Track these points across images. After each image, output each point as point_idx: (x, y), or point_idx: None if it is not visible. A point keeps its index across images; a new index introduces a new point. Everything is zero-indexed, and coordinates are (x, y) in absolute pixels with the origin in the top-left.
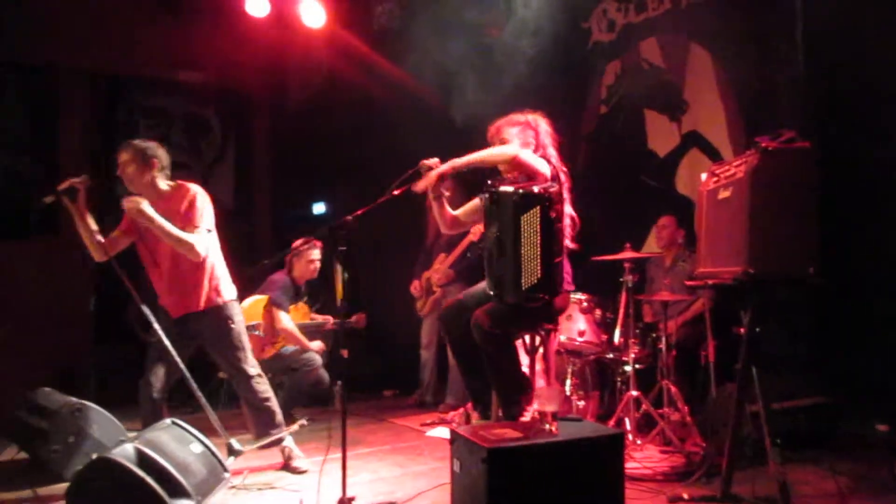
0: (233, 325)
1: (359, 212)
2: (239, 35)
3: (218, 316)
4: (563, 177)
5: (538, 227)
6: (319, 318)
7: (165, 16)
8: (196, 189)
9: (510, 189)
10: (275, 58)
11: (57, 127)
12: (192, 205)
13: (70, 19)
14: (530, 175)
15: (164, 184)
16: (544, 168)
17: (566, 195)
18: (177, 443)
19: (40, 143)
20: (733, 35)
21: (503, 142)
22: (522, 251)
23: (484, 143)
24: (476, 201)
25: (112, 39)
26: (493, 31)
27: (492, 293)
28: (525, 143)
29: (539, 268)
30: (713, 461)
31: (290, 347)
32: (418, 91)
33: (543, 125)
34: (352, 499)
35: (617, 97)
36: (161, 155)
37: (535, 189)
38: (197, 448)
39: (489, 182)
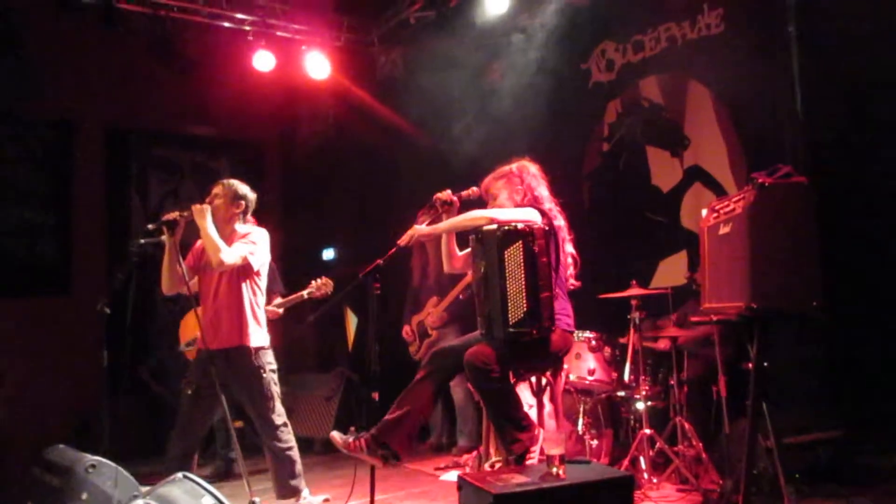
0: (264, 374)
1: (389, 253)
2: (247, 88)
3: (251, 359)
4: (556, 215)
5: (521, 261)
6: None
7: (175, 71)
8: (260, 230)
9: (493, 227)
10: (283, 109)
11: (71, 181)
12: (246, 235)
13: (84, 76)
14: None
15: (240, 225)
16: (531, 215)
17: (564, 233)
18: (188, 497)
19: (54, 197)
20: (731, 70)
21: (494, 196)
22: (508, 286)
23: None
24: None
25: (125, 95)
26: (495, 76)
27: (483, 332)
28: (514, 192)
29: (525, 302)
30: (731, 499)
31: None
32: (422, 138)
33: (530, 170)
34: None
35: (618, 135)
36: (249, 201)
37: (518, 225)
38: (208, 501)
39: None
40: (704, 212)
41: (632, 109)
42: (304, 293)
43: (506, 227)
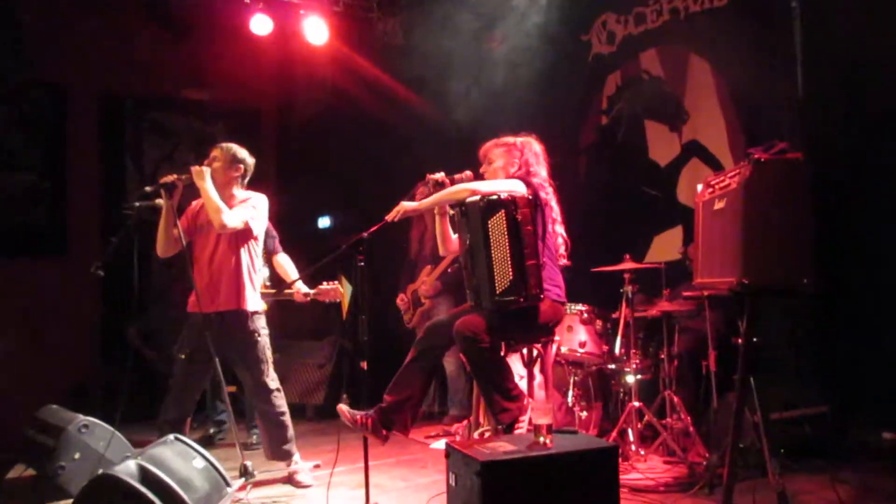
0: (258, 338)
1: (374, 228)
2: (244, 53)
3: (245, 323)
4: (547, 194)
5: (505, 230)
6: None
7: (171, 35)
8: (259, 195)
9: (477, 198)
10: (280, 75)
11: (66, 146)
12: (246, 200)
13: (78, 41)
14: None
15: (238, 190)
16: (515, 186)
17: (556, 214)
18: (179, 458)
19: (49, 163)
20: (732, 45)
21: (490, 162)
22: (493, 255)
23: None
24: None
25: (119, 60)
26: (494, 45)
27: (472, 304)
28: (510, 163)
29: (511, 270)
30: (716, 472)
31: None
32: (421, 106)
33: (533, 147)
34: None
35: (617, 108)
36: (248, 165)
37: (501, 195)
38: (199, 463)
39: None
40: (700, 187)
41: (632, 82)
42: (311, 292)
43: (489, 198)
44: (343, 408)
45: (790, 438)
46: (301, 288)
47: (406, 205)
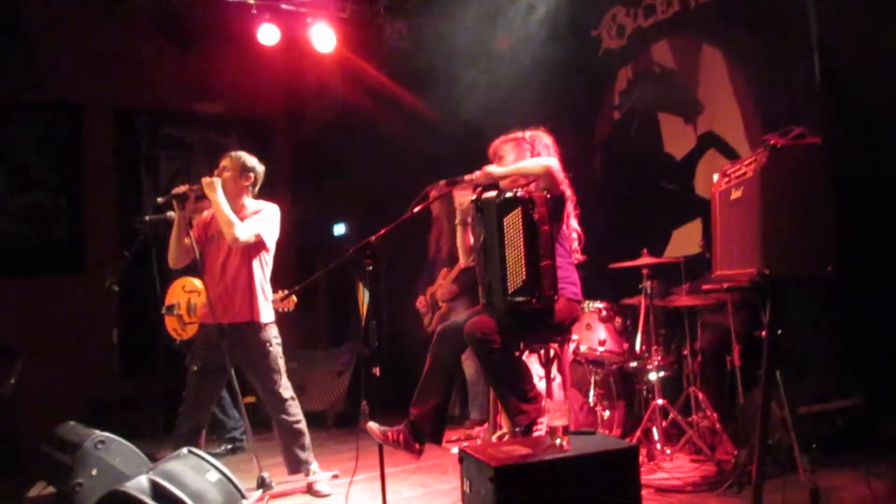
0: (271, 348)
1: (382, 231)
2: (253, 64)
3: (258, 333)
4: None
5: (521, 228)
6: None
7: (180, 49)
8: (271, 205)
9: (492, 194)
10: (290, 84)
11: (81, 163)
12: (258, 211)
13: (91, 58)
14: (555, 188)
15: (249, 200)
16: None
17: (571, 207)
18: (193, 472)
19: (65, 181)
20: (745, 34)
21: (501, 158)
22: (507, 254)
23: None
24: None
25: (131, 74)
26: (503, 45)
27: (484, 302)
28: (521, 158)
29: (524, 269)
30: (744, 470)
31: None
32: (430, 109)
33: (543, 139)
34: None
35: (630, 102)
36: (258, 173)
37: (518, 192)
38: (213, 476)
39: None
40: (716, 176)
41: (643, 76)
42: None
43: (505, 195)
44: (372, 426)
45: (821, 433)
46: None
47: (490, 169)
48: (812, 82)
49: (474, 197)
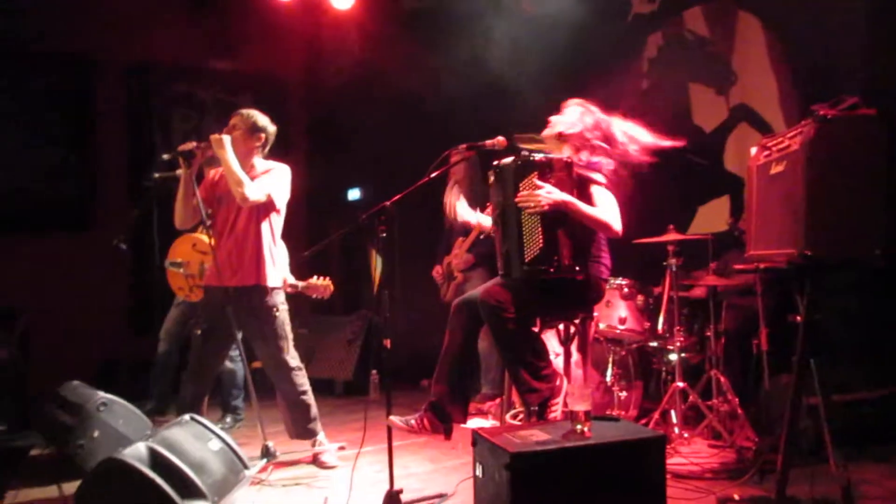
0: (277, 314)
1: (397, 196)
2: (269, 20)
3: (264, 298)
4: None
5: None
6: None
7: (195, 4)
8: (282, 165)
9: (510, 159)
10: (307, 42)
11: (91, 119)
12: (268, 172)
13: (103, 11)
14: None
15: (259, 160)
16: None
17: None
18: (194, 440)
19: (76, 137)
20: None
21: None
22: (523, 221)
23: (524, 121)
24: None
25: (145, 30)
26: (527, 8)
27: (501, 272)
28: (571, 125)
29: (541, 237)
30: (766, 458)
31: None
32: (450, 72)
33: (612, 125)
34: (400, 491)
35: (659, 71)
36: (269, 132)
37: (535, 156)
38: (215, 445)
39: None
40: (754, 150)
41: (674, 43)
42: (300, 285)
43: (521, 159)
44: (394, 419)
45: (849, 423)
46: (289, 279)
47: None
48: (857, 51)
49: (492, 166)
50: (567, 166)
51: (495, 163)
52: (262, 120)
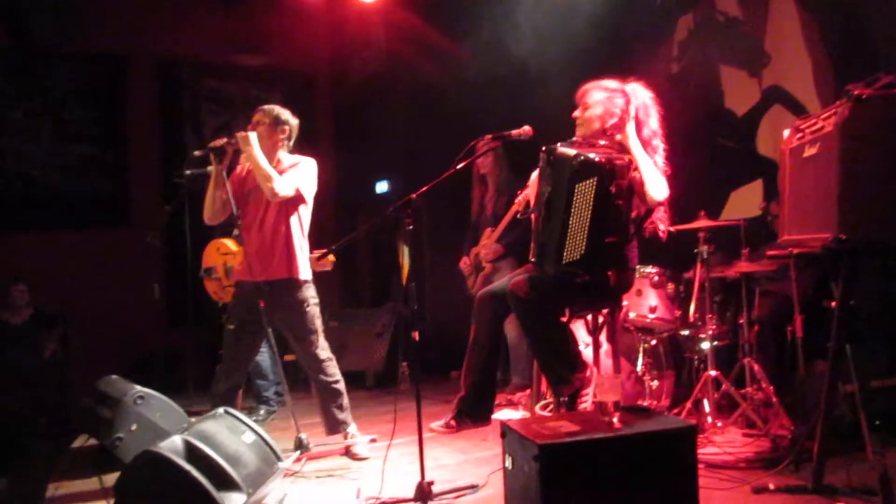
0: (308, 308)
1: (423, 188)
2: (295, 15)
3: (295, 291)
4: (655, 152)
5: (592, 199)
6: None
7: (224, 0)
8: (308, 159)
9: (571, 152)
10: (333, 36)
11: (123, 116)
12: (295, 166)
13: (133, 8)
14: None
15: (285, 154)
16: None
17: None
18: (228, 433)
19: (109, 133)
20: None
21: (586, 108)
22: (571, 221)
23: (550, 109)
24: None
25: (174, 27)
26: None
27: (534, 260)
28: (609, 114)
29: (584, 243)
30: (802, 446)
31: None
32: (476, 62)
33: (640, 95)
34: (431, 483)
35: (690, 54)
36: (292, 126)
37: (597, 157)
38: (249, 438)
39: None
40: (787, 132)
41: (705, 25)
42: None
43: (582, 158)
44: (435, 427)
45: (886, 409)
46: None
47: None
48: (893, 31)
49: (545, 148)
50: (627, 169)
51: (549, 147)
52: (285, 114)
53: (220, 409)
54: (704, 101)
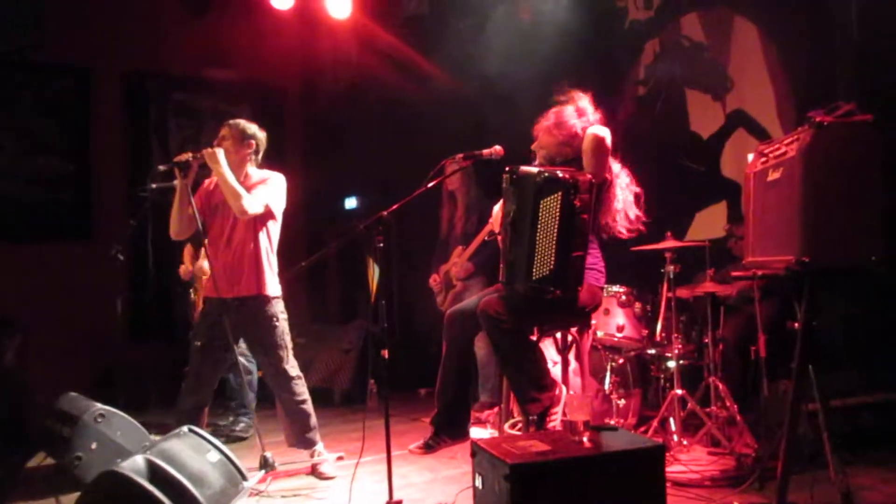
0: (277, 323)
1: (394, 206)
2: (266, 30)
3: (264, 308)
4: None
5: (557, 214)
6: None
7: (192, 13)
8: (277, 174)
9: (533, 170)
10: (304, 52)
11: (88, 128)
12: (264, 181)
13: (101, 20)
14: (599, 171)
15: (253, 169)
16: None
17: (620, 187)
18: (192, 451)
19: (73, 146)
20: (782, 5)
21: (540, 144)
22: (538, 238)
23: (520, 127)
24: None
25: (143, 39)
26: (525, 15)
27: (503, 280)
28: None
29: (553, 259)
30: (766, 464)
31: None
32: (448, 81)
33: (581, 101)
34: (399, 502)
35: (656, 78)
36: (259, 139)
37: (560, 173)
38: (214, 457)
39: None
40: (751, 156)
41: (671, 50)
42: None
43: (546, 174)
44: (413, 448)
45: (847, 428)
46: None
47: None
48: (852, 59)
49: (508, 168)
50: (592, 187)
51: (511, 167)
52: (251, 128)
53: (185, 428)
54: (670, 123)
